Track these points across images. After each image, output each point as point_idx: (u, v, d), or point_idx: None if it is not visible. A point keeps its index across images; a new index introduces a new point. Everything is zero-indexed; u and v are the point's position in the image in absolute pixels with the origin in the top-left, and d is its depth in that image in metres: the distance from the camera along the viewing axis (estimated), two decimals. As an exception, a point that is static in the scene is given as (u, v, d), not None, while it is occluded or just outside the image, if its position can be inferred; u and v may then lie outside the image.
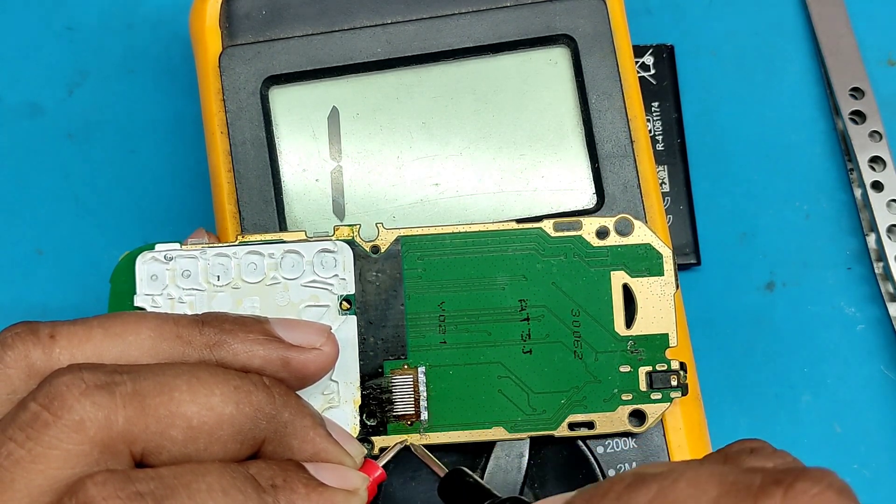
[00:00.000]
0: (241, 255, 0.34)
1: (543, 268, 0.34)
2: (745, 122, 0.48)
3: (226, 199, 0.38)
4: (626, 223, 0.35)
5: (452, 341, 0.34)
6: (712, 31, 0.49)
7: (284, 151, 0.38)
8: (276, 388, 0.30)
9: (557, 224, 0.35)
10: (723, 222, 0.47)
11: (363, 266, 0.34)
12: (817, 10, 0.49)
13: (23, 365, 0.29)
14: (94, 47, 0.49)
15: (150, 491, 0.26)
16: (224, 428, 0.28)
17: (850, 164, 0.47)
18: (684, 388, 0.34)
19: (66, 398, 0.27)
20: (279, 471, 0.29)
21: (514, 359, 0.34)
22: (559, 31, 0.39)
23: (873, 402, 0.45)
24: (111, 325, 0.30)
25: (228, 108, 0.38)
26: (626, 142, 0.38)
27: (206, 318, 0.31)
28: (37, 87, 0.48)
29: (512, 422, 0.34)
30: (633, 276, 0.35)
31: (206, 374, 0.29)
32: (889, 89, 0.48)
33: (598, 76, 0.38)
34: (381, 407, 0.34)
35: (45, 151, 0.48)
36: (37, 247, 0.47)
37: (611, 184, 0.38)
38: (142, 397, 0.28)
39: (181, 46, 0.47)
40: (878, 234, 0.46)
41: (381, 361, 0.34)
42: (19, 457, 0.26)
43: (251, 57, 0.38)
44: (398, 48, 0.39)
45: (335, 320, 0.34)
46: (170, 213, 0.47)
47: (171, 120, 0.48)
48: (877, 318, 0.46)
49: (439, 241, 0.34)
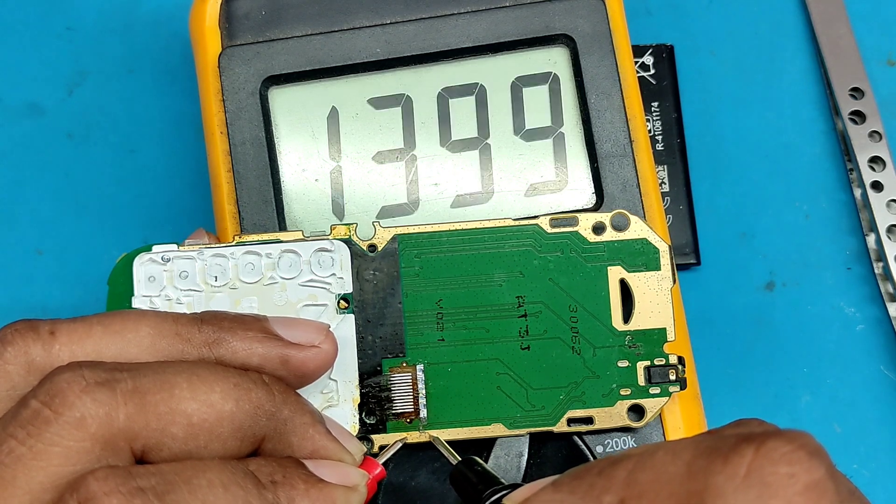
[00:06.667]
0: (238, 256, 0.34)
1: (540, 264, 0.35)
2: (745, 122, 0.48)
3: (225, 200, 0.38)
4: (622, 218, 0.35)
5: (450, 339, 0.34)
6: (712, 31, 0.49)
7: (284, 151, 0.38)
8: (276, 386, 0.30)
9: (554, 220, 0.35)
10: (722, 222, 0.47)
11: (360, 265, 0.34)
12: (817, 10, 0.49)
13: (22, 361, 0.29)
14: (94, 47, 0.49)
15: (152, 486, 0.26)
16: (224, 425, 0.28)
17: (849, 164, 0.47)
18: (683, 383, 0.34)
19: (66, 395, 0.27)
20: (279, 467, 0.29)
21: (512, 355, 0.34)
22: (558, 31, 0.39)
23: (873, 402, 0.45)
24: (111, 322, 0.30)
25: (228, 108, 0.38)
26: (626, 141, 0.38)
27: (204, 317, 0.31)
28: (37, 87, 0.49)
29: (511, 418, 0.34)
30: (630, 270, 0.35)
31: (205, 371, 0.29)
32: (889, 89, 0.48)
33: (597, 76, 0.38)
34: (380, 405, 0.34)
35: (45, 151, 0.48)
36: (37, 247, 0.47)
37: (610, 183, 0.38)
38: (142, 394, 0.28)
39: (181, 46, 0.47)
40: (878, 235, 0.46)
41: (380, 360, 0.34)
42: (20, 454, 0.27)
43: (251, 57, 0.38)
44: (397, 48, 0.39)
45: (333, 319, 0.34)
46: (170, 213, 0.47)
47: (171, 120, 0.48)
48: (877, 318, 0.46)
49: (436, 238, 0.35)
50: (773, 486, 0.24)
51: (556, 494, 0.27)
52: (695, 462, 0.25)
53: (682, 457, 0.26)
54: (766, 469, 0.24)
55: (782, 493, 0.24)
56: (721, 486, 0.24)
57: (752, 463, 0.24)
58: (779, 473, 0.24)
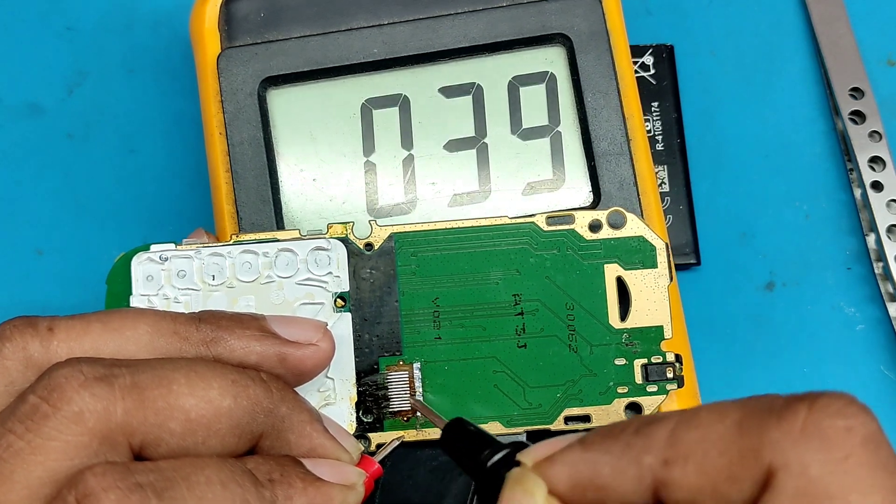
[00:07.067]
0: (235, 255, 0.34)
1: (537, 262, 0.35)
2: (745, 122, 0.48)
3: (224, 199, 0.38)
4: (618, 216, 0.35)
5: (447, 337, 0.34)
6: (712, 31, 0.49)
7: (282, 152, 0.39)
8: (274, 383, 0.30)
9: (550, 218, 0.35)
10: (722, 222, 0.47)
11: (357, 263, 0.34)
12: (817, 10, 0.49)
13: (21, 357, 0.29)
14: (94, 47, 0.49)
15: (150, 482, 0.26)
16: (222, 421, 0.28)
17: (849, 164, 0.47)
18: (680, 381, 0.34)
19: (65, 390, 0.27)
20: (276, 465, 0.29)
21: (509, 353, 0.34)
22: (555, 31, 0.39)
23: (873, 402, 0.44)
24: (109, 320, 0.30)
25: (227, 108, 0.38)
26: (623, 140, 0.38)
27: (202, 316, 0.31)
28: (37, 87, 0.49)
29: (508, 416, 0.34)
30: (626, 268, 0.35)
31: (204, 367, 0.29)
32: (889, 89, 0.48)
33: (594, 75, 0.39)
34: (377, 403, 0.34)
35: (45, 151, 0.48)
36: (37, 247, 0.47)
37: (607, 182, 0.38)
38: (140, 390, 0.28)
39: (181, 46, 0.48)
40: (878, 234, 0.46)
41: (377, 358, 0.34)
42: (19, 448, 0.27)
43: (249, 58, 0.39)
44: (395, 48, 0.39)
45: (330, 318, 0.34)
46: (169, 213, 0.47)
47: (170, 120, 0.48)
48: (877, 318, 0.46)
49: (432, 237, 0.35)
50: (832, 438, 0.24)
51: (586, 454, 0.27)
52: (746, 420, 0.25)
53: (730, 416, 0.25)
54: (824, 423, 0.24)
55: (842, 445, 0.24)
56: (778, 440, 0.24)
57: (808, 418, 0.24)
58: (836, 427, 0.24)
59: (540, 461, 0.27)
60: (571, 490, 0.27)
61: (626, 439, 0.26)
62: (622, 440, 0.26)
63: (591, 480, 0.26)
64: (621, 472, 0.26)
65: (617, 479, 0.26)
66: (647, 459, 0.26)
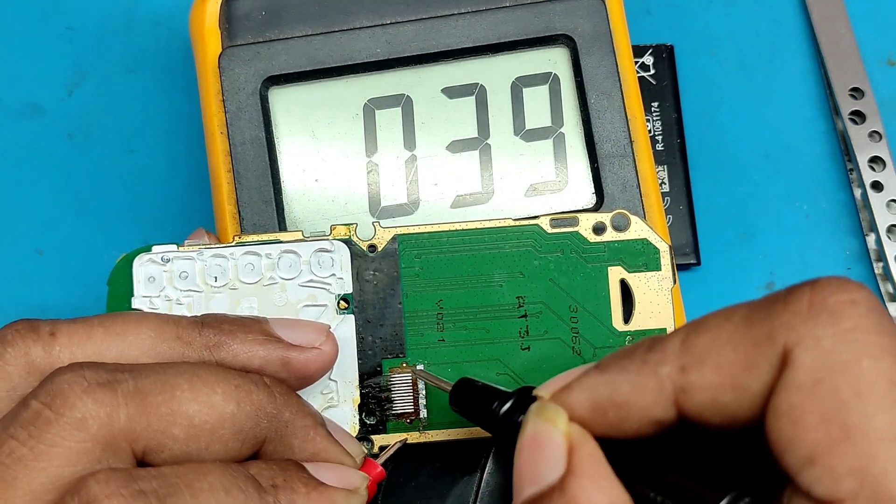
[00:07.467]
0: (238, 256, 0.34)
1: (541, 264, 0.35)
2: (745, 122, 0.48)
3: (225, 200, 0.38)
4: (622, 219, 0.35)
5: (451, 339, 0.34)
6: (712, 31, 0.49)
7: (284, 152, 0.38)
8: (277, 388, 0.30)
9: (554, 220, 0.35)
10: (723, 222, 0.47)
11: (360, 265, 0.34)
12: (817, 9, 0.49)
13: (23, 362, 0.29)
14: (94, 47, 0.49)
15: (153, 489, 0.26)
16: (225, 426, 0.28)
17: (849, 164, 0.47)
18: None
19: (68, 396, 0.27)
20: (279, 471, 0.29)
21: (512, 355, 0.34)
22: (558, 32, 0.39)
23: None
24: (112, 324, 0.30)
25: (228, 108, 0.38)
26: (626, 141, 0.38)
27: (205, 320, 0.31)
28: (37, 87, 0.49)
29: None
30: (630, 271, 0.35)
31: (207, 373, 0.29)
32: (889, 89, 0.48)
33: (598, 76, 0.38)
34: (380, 405, 0.34)
35: (45, 151, 0.48)
36: (37, 247, 0.47)
37: (610, 183, 0.38)
38: (143, 395, 0.28)
39: (181, 46, 0.47)
40: (878, 235, 0.46)
41: (380, 360, 0.34)
42: (21, 454, 0.27)
43: (250, 57, 0.38)
44: (397, 48, 0.39)
45: (333, 320, 0.34)
46: (170, 214, 0.47)
47: (171, 120, 0.48)
48: (877, 318, 0.46)
49: (436, 238, 0.35)
50: (839, 312, 0.25)
51: (603, 376, 0.27)
52: (753, 314, 0.26)
53: (737, 313, 0.26)
54: (828, 300, 0.25)
55: (849, 316, 0.25)
56: (789, 321, 0.25)
57: (813, 297, 0.25)
58: (841, 301, 0.25)
59: (557, 392, 0.28)
60: (592, 413, 0.27)
61: (641, 356, 0.27)
62: (637, 358, 0.27)
63: (611, 400, 0.27)
64: (640, 387, 0.27)
65: (637, 393, 0.27)
66: (665, 370, 0.26)
